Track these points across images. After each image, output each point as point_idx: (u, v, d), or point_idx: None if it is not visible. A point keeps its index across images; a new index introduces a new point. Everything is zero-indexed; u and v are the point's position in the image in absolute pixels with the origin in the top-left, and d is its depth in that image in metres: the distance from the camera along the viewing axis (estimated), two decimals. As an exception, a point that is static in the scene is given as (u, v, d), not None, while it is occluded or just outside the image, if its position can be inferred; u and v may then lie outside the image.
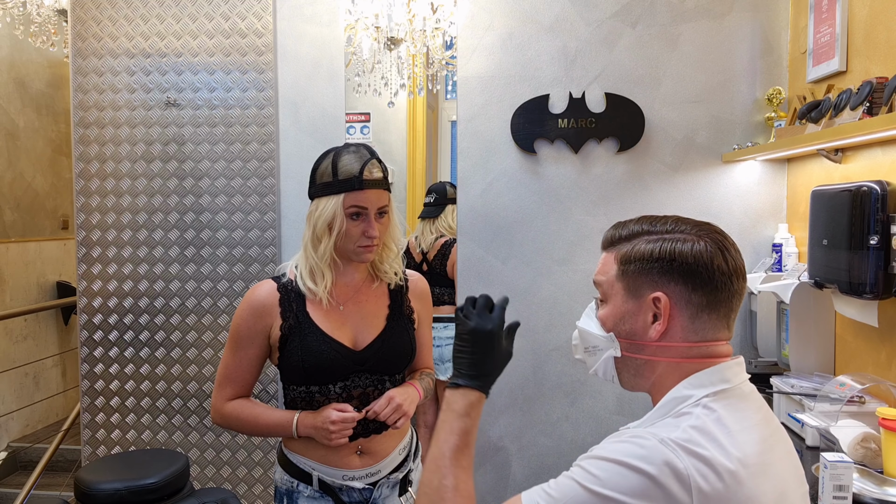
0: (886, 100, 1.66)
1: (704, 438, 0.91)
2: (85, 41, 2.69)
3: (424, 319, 1.71)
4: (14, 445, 4.22)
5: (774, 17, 2.55)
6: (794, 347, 2.13)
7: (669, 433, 0.91)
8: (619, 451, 0.92)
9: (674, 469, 0.88)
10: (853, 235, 1.78)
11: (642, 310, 1.01)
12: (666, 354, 1.01)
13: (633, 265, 1.02)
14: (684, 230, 1.01)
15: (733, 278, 0.99)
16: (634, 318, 1.02)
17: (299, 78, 2.69)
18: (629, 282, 1.02)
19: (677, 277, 0.98)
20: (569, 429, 2.64)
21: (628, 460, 0.90)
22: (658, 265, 0.99)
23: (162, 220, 2.70)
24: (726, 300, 0.99)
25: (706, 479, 0.88)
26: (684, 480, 0.87)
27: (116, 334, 2.72)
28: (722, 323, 1.00)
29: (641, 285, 1.01)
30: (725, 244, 1.00)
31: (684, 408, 0.96)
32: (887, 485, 1.49)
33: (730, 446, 0.91)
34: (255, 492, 2.72)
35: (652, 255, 1.00)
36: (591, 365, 1.10)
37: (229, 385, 1.59)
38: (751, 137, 2.55)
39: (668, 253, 0.99)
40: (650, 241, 1.01)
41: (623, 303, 1.03)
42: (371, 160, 1.52)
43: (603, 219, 2.60)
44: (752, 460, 0.91)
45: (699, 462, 0.89)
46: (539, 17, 2.60)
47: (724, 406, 0.95)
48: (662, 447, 0.90)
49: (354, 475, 1.57)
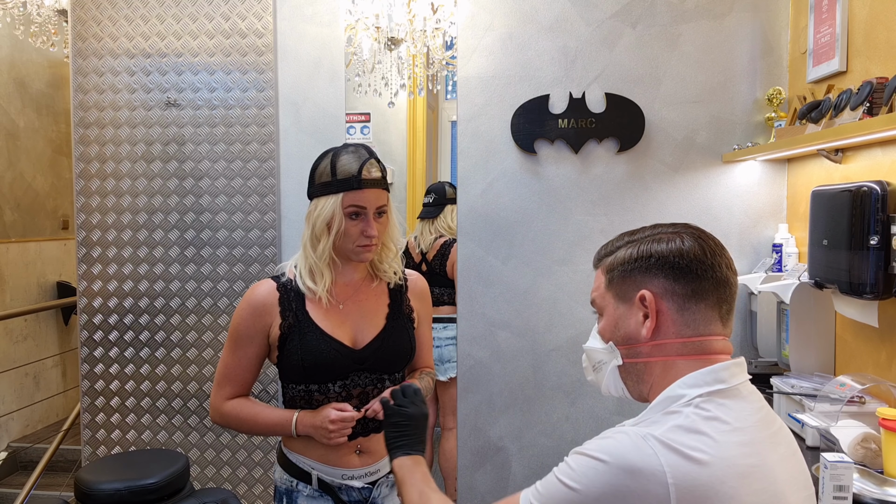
0: (886, 100, 1.66)
1: (688, 436, 0.91)
2: (85, 41, 2.69)
3: (424, 319, 1.71)
4: (14, 445, 4.22)
5: (774, 18, 2.55)
6: (794, 348, 2.13)
7: (653, 430, 0.93)
8: (597, 446, 0.94)
9: (649, 465, 0.89)
10: (853, 236, 1.78)
11: (632, 312, 1.03)
12: (661, 353, 1.02)
13: (616, 271, 1.06)
14: (661, 231, 1.05)
15: (714, 267, 1.00)
16: (627, 321, 1.04)
17: (299, 78, 2.69)
18: (616, 288, 1.06)
19: (657, 272, 1.01)
20: (569, 429, 2.64)
21: (602, 456, 0.92)
22: (638, 265, 1.03)
23: (162, 220, 2.70)
24: (712, 289, 1.00)
25: (685, 476, 0.88)
26: (659, 477, 0.88)
27: (117, 334, 2.72)
28: (713, 314, 1.01)
29: (628, 289, 1.04)
30: (703, 236, 1.03)
31: (675, 406, 0.97)
32: (887, 485, 1.49)
33: (713, 446, 0.91)
34: (255, 492, 2.72)
35: (631, 258, 1.04)
36: (600, 382, 1.12)
37: (228, 384, 1.60)
38: (751, 137, 2.55)
39: (646, 252, 1.03)
40: (630, 247, 1.06)
41: (615, 310, 1.06)
42: (369, 160, 1.53)
43: (603, 219, 2.60)
44: (737, 461, 0.91)
45: (679, 458, 0.89)
46: (539, 17, 2.60)
47: (717, 406, 0.95)
48: (642, 442, 0.91)
49: (354, 474, 1.57)
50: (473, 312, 2.65)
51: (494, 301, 2.64)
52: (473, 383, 2.66)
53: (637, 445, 0.90)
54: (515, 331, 2.64)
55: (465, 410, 2.66)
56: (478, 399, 2.65)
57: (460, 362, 2.66)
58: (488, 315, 2.64)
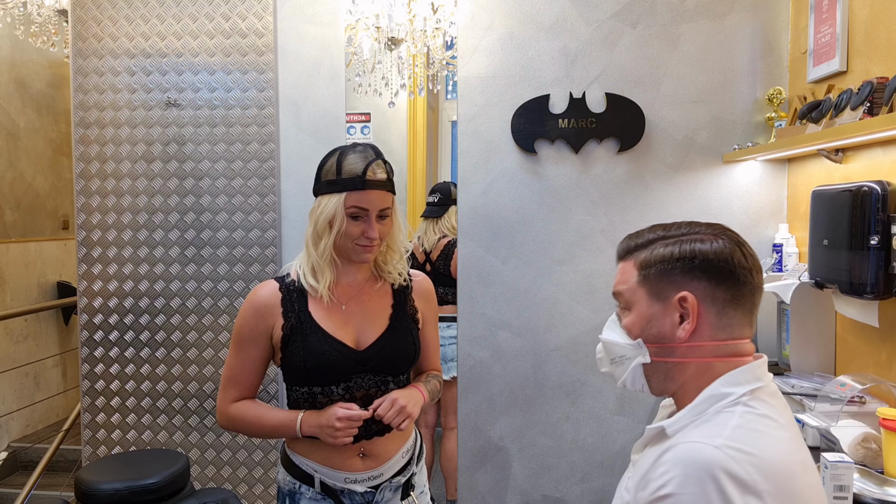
0: (887, 100, 1.66)
1: (753, 437, 0.92)
2: (85, 41, 2.69)
3: (430, 320, 1.69)
4: (14, 445, 4.22)
5: (775, 17, 2.55)
6: (794, 347, 2.13)
7: (716, 438, 0.91)
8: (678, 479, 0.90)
9: (733, 474, 0.88)
10: (854, 235, 1.78)
11: (667, 311, 1.02)
12: (696, 355, 1.02)
13: (653, 268, 1.03)
14: (700, 231, 1.03)
15: (752, 272, 1.01)
16: (661, 320, 1.03)
17: (300, 78, 2.69)
18: (651, 286, 1.03)
19: (700, 275, 1.00)
20: (569, 429, 2.64)
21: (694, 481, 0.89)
22: (679, 265, 1.01)
23: (162, 220, 2.70)
24: (749, 294, 1.01)
25: (764, 477, 0.88)
26: (746, 483, 0.88)
27: (117, 334, 2.72)
28: (746, 319, 1.02)
29: (664, 288, 1.02)
30: (741, 240, 1.03)
31: (723, 405, 0.97)
32: (888, 485, 1.49)
33: (776, 443, 0.92)
34: (255, 492, 2.72)
35: (672, 256, 1.01)
36: (619, 376, 1.09)
37: (233, 387, 1.59)
38: (751, 137, 2.55)
39: (689, 252, 1.01)
40: (668, 244, 1.03)
41: (648, 307, 1.04)
42: (375, 160, 1.52)
43: (603, 219, 2.60)
44: (795, 456, 0.93)
45: (755, 460, 0.89)
46: (539, 18, 2.60)
47: (762, 404, 0.97)
48: (719, 453, 0.89)
49: (356, 478, 1.56)
50: (474, 312, 2.65)
51: (495, 301, 2.64)
52: (474, 383, 2.66)
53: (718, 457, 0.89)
54: (516, 331, 2.64)
55: (466, 410, 2.66)
56: (478, 399, 2.66)
57: (460, 362, 2.66)
58: (488, 315, 2.64)
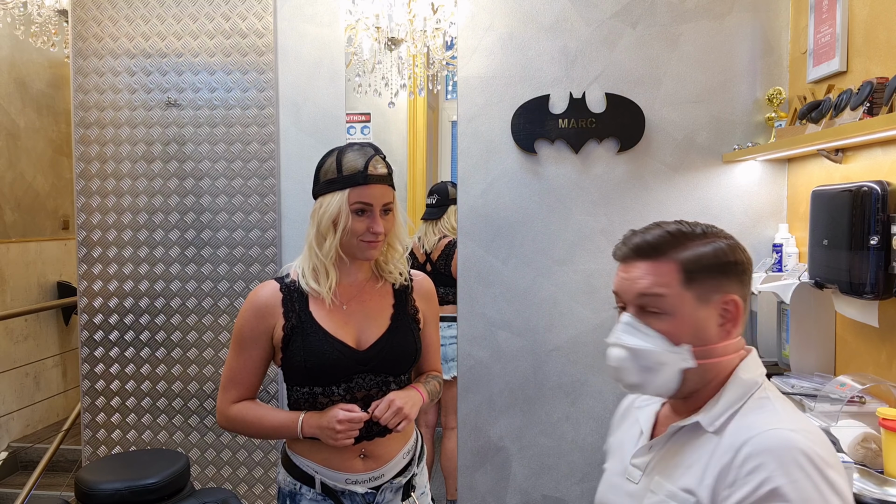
0: (887, 100, 1.66)
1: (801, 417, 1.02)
2: (85, 41, 2.69)
3: (431, 320, 1.69)
4: (15, 445, 4.22)
5: (775, 18, 2.55)
6: (794, 347, 2.13)
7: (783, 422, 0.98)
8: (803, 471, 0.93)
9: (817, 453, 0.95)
10: (853, 235, 1.78)
11: (711, 314, 1.03)
12: (728, 352, 1.06)
13: (701, 272, 1.02)
14: (718, 231, 1.07)
15: None
16: (707, 324, 1.03)
17: (300, 78, 2.69)
18: (699, 289, 1.02)
19: (741, 278, 1.05)
20: (569, 429, 2.64)
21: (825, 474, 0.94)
22: (726, 269, 1.03)
23: (162, 220, 2.70)
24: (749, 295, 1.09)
25: (829, 451, 0.96)
26: (826, 459, 0.94)
27: (117, 334, 2.72)
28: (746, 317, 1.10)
29: (709, 290, 1.03)
30: None
31: (760, 392, 1.04)
32: (888, 485, 1.49)
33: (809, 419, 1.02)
34: (255, 492, 2.72)
35: (717, 259, 1.03)
36: (651, 383, 1.05)
37: (233, 388, 1.59)
38: (751, 137, 2.55)
39: (732, 255, 1.04)
40: (705, 244, 1.03)
41: (694, 311, 1.02)
42: (375, 156, 1.52)
43: (603, 219, 2.60)
44: None
45: (819, 437, 0.98)
46: (539, 18, 2.60)
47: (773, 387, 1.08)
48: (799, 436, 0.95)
49: (357, 479, 1.55)
50: (473, 312, 2.65)
51: (495, 301, 2.64)
52: (473, 383, 2.66)
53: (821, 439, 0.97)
54: (515, 331, 2.64)
55: (466, 410, 2.66)
56: (478, 399, 2.65)
57: (460, 362, 2.66)
58: (488, 315, 2.64)
